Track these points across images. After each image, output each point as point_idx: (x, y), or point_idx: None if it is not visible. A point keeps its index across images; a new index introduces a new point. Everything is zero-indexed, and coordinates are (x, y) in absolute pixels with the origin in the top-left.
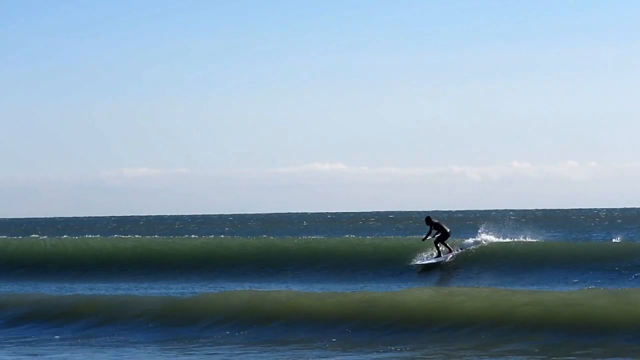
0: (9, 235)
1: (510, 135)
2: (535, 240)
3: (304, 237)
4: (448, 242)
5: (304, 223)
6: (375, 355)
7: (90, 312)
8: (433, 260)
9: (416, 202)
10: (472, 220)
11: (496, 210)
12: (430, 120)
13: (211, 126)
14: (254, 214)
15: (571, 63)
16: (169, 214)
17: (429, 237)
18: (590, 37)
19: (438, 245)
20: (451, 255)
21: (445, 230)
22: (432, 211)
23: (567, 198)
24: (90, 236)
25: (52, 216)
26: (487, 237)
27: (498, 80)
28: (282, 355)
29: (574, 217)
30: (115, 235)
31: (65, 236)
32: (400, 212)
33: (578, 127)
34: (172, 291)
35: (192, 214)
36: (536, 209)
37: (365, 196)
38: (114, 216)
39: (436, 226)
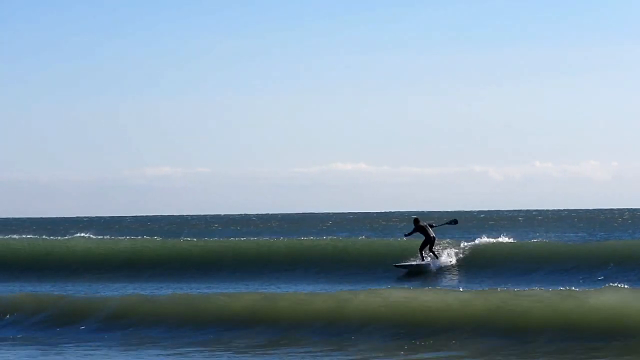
0: (34, 235)
1: (532, 135)
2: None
3: (316, 237)
4: (435, 248)
5: (329, 223)
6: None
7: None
8: (412, 263)
9: (438, 201)
10: (494, 220)
11: (518, 211)
12: (452, 119)
13: (233, 125)
14: (276, 214)
15: (593, 63)
16: (190, 214)
17: (410, 237)
18: (611, 36)
19: (422, 250)
20: (425, 263)
21: (429, 236)
22: (454, 212)
23: (589, 198)
24: (109, 237)
25: (74, 215)
26: (483, 240)
27: (520, 80)
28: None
29: (600, 217)
30: (141, 237)
31: (100, 237)
32: (423, 212)
33: (600, 126)
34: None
35: (214, 213)
36: (558, 209)
37: (387, 196)
38: (135, 215)
39: (421, 230)
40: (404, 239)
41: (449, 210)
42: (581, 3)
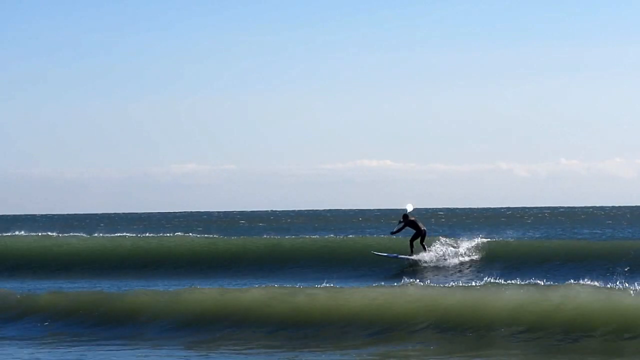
0: (59, 232)
1: (558, 132)
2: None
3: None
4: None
5: (359, 218)
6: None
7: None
8: (396, 254)
9: (464, 198)
10: (519, 216)
11: (544, 207)
12: (478, 116)
13: (259, 122)
14: (302, 210)
15: (619, 60)
16: (216, 210)
17: (399, 231)
18: (638, 34)
19: (412, 243)
20: (409, 257)
21: (420, 229)
22: (480, 208)
23: (615, 195)
24: (131, 235)
25: (100, 212)
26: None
27: (546, 78)
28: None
29: (627, 214)
30: (177, 234)
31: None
32: (449, 209)
33: (625, 124)
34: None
35: (240, 209)
36: (584, 206)
37: (414, 193)
38: (161, 212)
39: (411, 224)
40: (392, 237)
41: (475, 207)
42: (606, 0)
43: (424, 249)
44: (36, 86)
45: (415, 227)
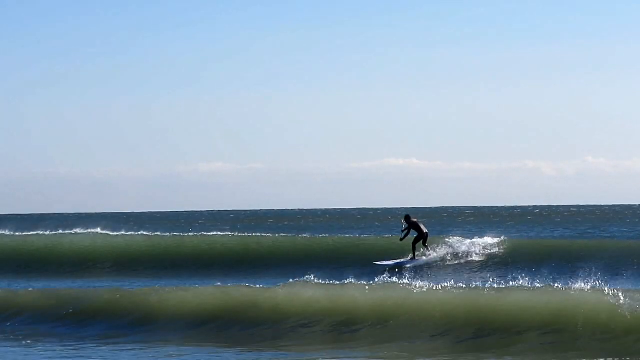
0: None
1: (585, 131)
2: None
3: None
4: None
5: (389, 217)
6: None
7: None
8: (398, 261)
9: (491, 197)
10: (547, 214)
11: (571, 206)
12: (505, 114)
13: (286, 121)
14: (328, 209)
15: None
16: (244, 209)
17: (407, 236)
18: None
19: (415, 246)
20: (421, 259)
21: (422, 232)
22: (507, 207)
23: None
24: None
25: (128, 211)
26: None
27: (573, 76)
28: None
29: None
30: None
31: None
32: (476, 208)
33: None
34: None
35: (267, 208)
36: (612, 204)
37: (440, 191)
38: (188, 210)
39: (414, 226)
40: (400, 242)
41: (501, 205)
42: None
43: (427, 250)
44: (62, 86)
45: (418, 229)
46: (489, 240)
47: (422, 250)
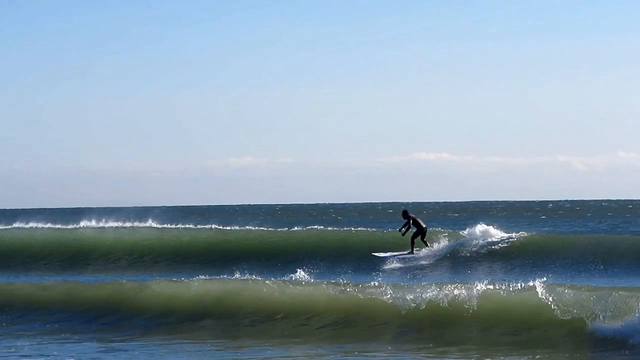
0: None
1: (616, 125)
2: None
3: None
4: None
5: (424, 212)
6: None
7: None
8: (396, 254)
9: (522, 191)
10: (579, 209)
11: (602, 200)
12: (536, 109)
13: (316, 116)
14: (359, 203)
15: None
16: (274, 203)
17: (405, 231)
18: None
19: (414, 241)
20: (422, 252)
21: (421, 226)
22: (538, 201)
23: None
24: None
25: (158, 205)
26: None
27: (604, 71)
28: None
29: None
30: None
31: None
32: (507, 202)
33: None
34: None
35: (298, 202)
36: None
37: (471, 186)
38: (219, 204)
39: (413, 221)
40: (402, 235)
41: (532, 199)
42: None
43: (426, 245)
44: (90, 79)
45: (417, 224)
46: (494, 233)
47: (421, 245)
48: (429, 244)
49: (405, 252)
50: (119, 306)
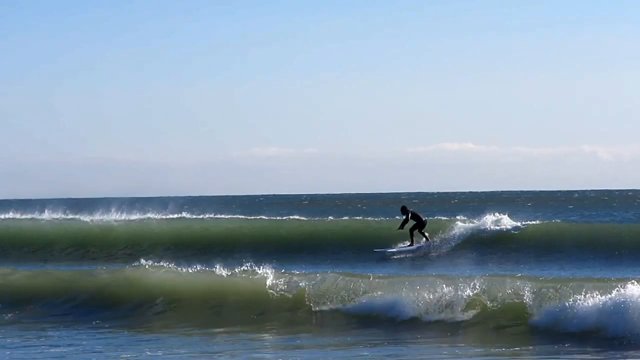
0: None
1: None
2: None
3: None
4: (426, 231)
5: (452, 202)
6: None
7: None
8: (396, 249)
9: (547, 181)
10: (606, 198)
11: (628, 190)
12: (560, 99)
13: (341, 106)
14: (383, 193)
15: None
16: (299, 193)
17: (405, 224)
18: None
19: (413, 233)
20: (425, 245)
21: (420, 219)
22: (563, 191)
23: None
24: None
25: (184, 195)
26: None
27: (628, 61)
28: None
29: None
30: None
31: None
32: (533, 192)
33: None
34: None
35: (323, 192)
36: None
37: (496, 176)
38: (245, 195)
39: (412, 215)
40: (399, 230)
41: (557, 189)
42: None
43: (425, 237)
44: (124, 72)
45: (416, 217)
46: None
47: (420, 237)
48: (427, 236)
49: (406, 245)
50: (160, 295)
